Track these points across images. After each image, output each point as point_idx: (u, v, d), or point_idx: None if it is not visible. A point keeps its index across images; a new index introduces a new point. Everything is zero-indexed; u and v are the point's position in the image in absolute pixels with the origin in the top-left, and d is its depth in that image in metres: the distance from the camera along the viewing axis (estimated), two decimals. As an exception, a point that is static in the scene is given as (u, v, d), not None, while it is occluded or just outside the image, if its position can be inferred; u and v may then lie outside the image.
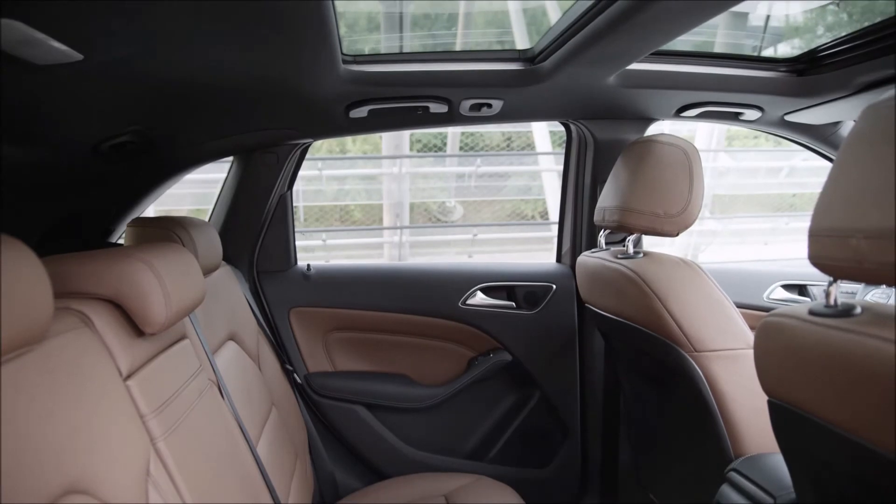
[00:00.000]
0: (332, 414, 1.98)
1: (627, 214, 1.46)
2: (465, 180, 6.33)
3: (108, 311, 0.96)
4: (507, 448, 2.06)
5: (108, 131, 1.33)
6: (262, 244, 1.97)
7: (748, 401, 1.29)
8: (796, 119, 1.81)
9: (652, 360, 1.48)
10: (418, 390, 2.02)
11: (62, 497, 0.71)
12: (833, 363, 0.77)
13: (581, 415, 2.03)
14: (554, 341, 2.01)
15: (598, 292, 1.62)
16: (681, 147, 1.45)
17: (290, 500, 1.45)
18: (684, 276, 1.37)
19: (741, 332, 1.34)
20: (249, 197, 1.92)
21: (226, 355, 1.44)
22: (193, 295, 1.11)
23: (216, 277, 1.57)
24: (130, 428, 0.90)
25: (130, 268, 0.98)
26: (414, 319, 1.99)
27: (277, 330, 1.96)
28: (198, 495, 0.98)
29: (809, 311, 0.84)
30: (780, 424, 0.96)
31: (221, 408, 1.24)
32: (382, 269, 2.12)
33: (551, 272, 2.04)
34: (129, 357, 0.96)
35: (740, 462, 1.26)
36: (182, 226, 1.42)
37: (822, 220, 0.79)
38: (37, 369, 0.74)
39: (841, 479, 0.88)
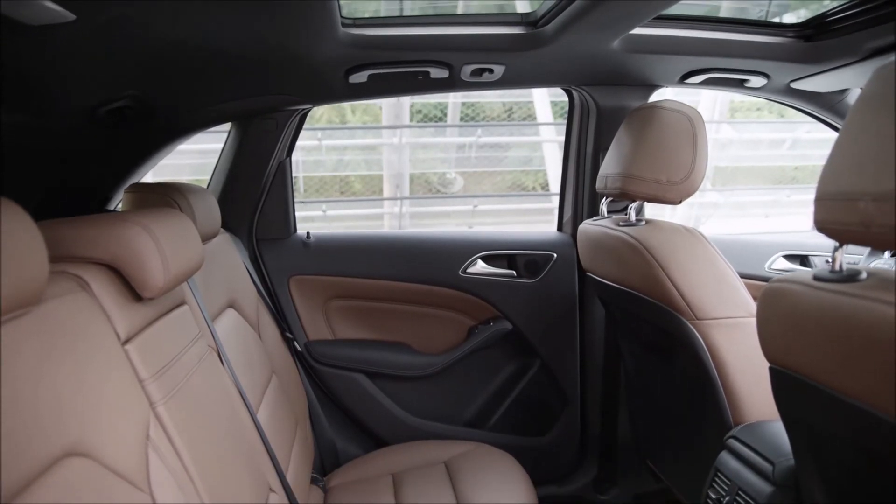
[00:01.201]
0: (333, 382, 1.98)
1: (630, 181, 1.45)
2: (465, 151, 6.28)
3: (106, 275, 0.95)
4: (506, 416, 2.07)
5: (104, 96, 1.31)
6: (261, 212, 1.96)
7: (748, 369, 1.29)
8: (802, 86, 1.79)
9: (653, 328, 1.47)
10: (418, 358, 2.02)
11: (61, 460, 0.71)
12: (837, 328, 0.77)
13: (581, 383, 2.04)
14: (554, 310, 2.00)
15: (599, 260, 1.61)
16: (685, 113, 1.43)
17: (291, 467, 1.45)
18: (687, 243, 1.36)
19: (743, 300, 1.33)
20: (248, 164, 1.90)
21: (225, 322, 1.44)
22: (192, 260, 1.10)
23: (215, 245, 1.56)
24: (129, 392, 0.89)
25: (128, 232, 0.97)
26: (414, 288, 1.99)
27: (277, 298, 1.95)
28: (198, 460, 0.98)
29: (814, 277, 0.84)
30: (781, 391, 0.96)
31: (221, 374, 1.24)
32: (383, 237, 2.11)
33: (552, 241, 2.03)
34: (128, 321, 0.95)
35: (739, 429, 1.26)
36: (180, 192, 1.40)
37: (829, 185, 0.78)
38: (34, 332, 0.74)
39: (841, 444, 0.88)
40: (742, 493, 1.17)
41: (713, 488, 1.27)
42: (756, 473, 1.16)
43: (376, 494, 1.62)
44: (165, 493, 0.88)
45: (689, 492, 1.54)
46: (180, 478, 0.92)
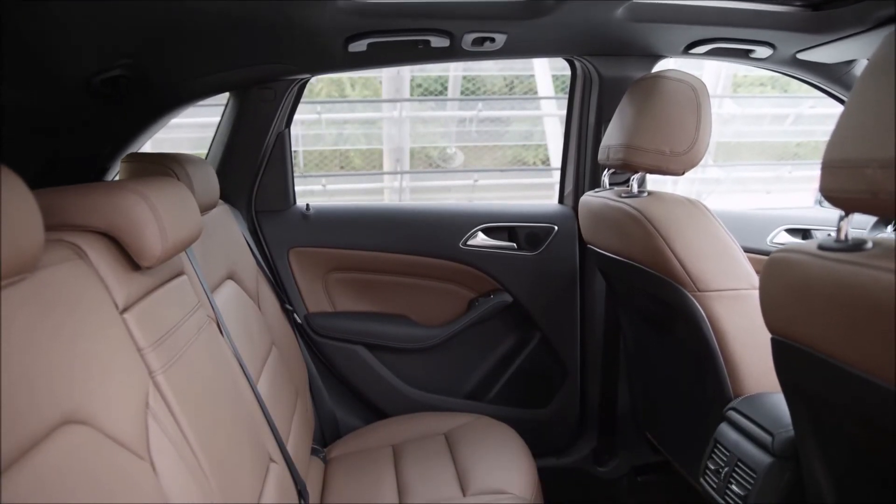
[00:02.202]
0: (333, 354, 1.99)
1: (632, 152, 1.43)
2: (466, 125, 6.24)
3: (103, 243, 0.94)
4: (506, 389, 2.08)
5: (98, 65, 1.29)
6: (260, 183, 1.94)
7: (749, 341, 1.29)
8: (809, 57, 1.76)
9: (653, 300, 1.47)
10: (418, 331, 2.02)
11: (60, 427, 0.71)
12: (842, 297, 0.76)
13: (581, 356, 2.04)
14: (555, 282, 2.00)
15: (600, 232, 1.60)
16: (689, 83, 1.41)
17: (291, 438, 1.46)
18: (689, 215, 1.35)
19: (745, 272, 1.32)
20: (247, 134, 1.88)
21: (225, 294, 1.43)
22: (190, 229, 1.09)
23: (214, 216, 1.55)
24: (128, 360, 0.89)
25: (125, 200, 0.96)
26: (414, 260, 1.98)
27: (277, 270, 1.95)
28: (198, 428, 0.98)
29: (819, 247, 0.83)
30: (783, 362, 0.96)
31: (221, 344, 1.24)
32: (383, 209, 2.10)
33: (553, 213, 2.02)
34: (125, 290, 0.94)
35: (739, 401, 1.27)
36: (178, 162, 1.39)
37: (836, 152, 0.77)
38: (30, 299, 0.73)
39: (841, 414, 0.88)
40: (741, 464, 1.18)
41: (712, 459, 1.27)
42: (755, 444, 1.16)
43: (376, 465, 1.63)
44: (165, 460, 0.88)
45: (688, 463, 1.55)
46: (180, 446, 0.92)
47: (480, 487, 1.47)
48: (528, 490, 1.48)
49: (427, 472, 1.55)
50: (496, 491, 1.46)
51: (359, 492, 1.53)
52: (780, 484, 1.10)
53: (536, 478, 1.56)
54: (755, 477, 1.13)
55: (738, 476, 1.18)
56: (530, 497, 1.47)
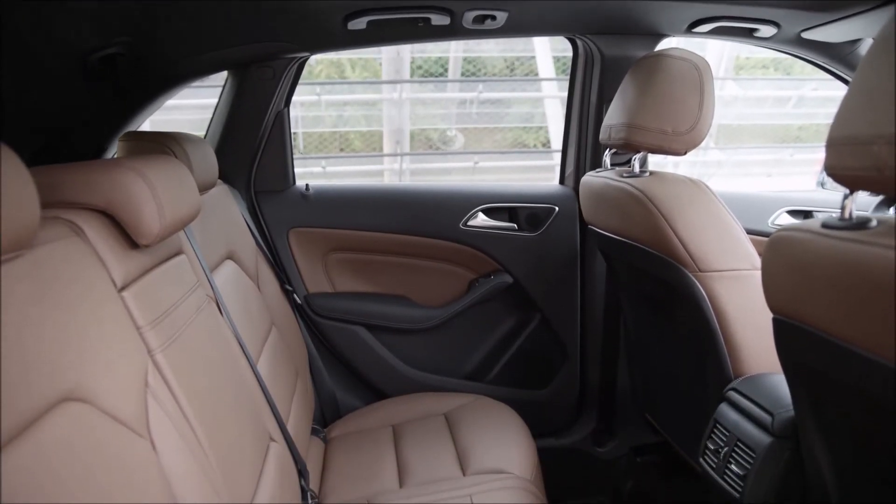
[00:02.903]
0: (333, 334, 1.99)
1: (634, 132, 1.42)
2: (466, 107, 6.20)
3: (100, 221, 0.93)
4: (506, 369, 2.08)
5: (95, 43, 1.27)
6: (259, 163, 1.93)
7: (750, 321, 1.29)
8: (813, 36, 1.74)
9: (654, 280, 1.46)
10: (418, 311, 2.02)
11: (59, 404, 0.70)
12: (845, 275, 0.75)
13: (581, 337, 2.04)
14: (555, 263, 1.99)
15: (601, 212, 1.60)
16: (692, 62, 1.40)
17: (292, 418, 1.46)
18: (691, 194, 1.34)
19: (746, 252, 1.32)
20: (245, 114, 1.87)
21: (224, 274, 1.43)
22: (188, 207, 1.08)
23: (212, 196, 1.54)
24: (127, 339, 0.89)
25: (122, 177, 0.95)
26: (414, 240, 1.97)
27: (276, 250, 1.94)
28: (198, 407, 0.98)
29: (823, 225, 0.82)
30: (784, 341, 0.96)
31: (220, 324, 1.24)
32: (383, 189, 2.09)
33: (554, 194, 2.01)
34: (124, 268, 0.94)
35: (739, 382, 1.27)
36: (176, 140, 1.38)
37: (841, 129, 0.76)
38: (27, 276, 0.72)
39: (842, 393, 0.87)
40: (740, 444, 1.18)
41: (712, 439, 1.27)
42: (755, 424, 1.16)
43: (376, 445, 1.64)
44: (165, 439, 0.88)
45: (688, 444, 1.55)
46: (180, 425, 0.92)
47: (480, 467, 1.48)
48: (527, 469, 1.49)
49: (427, 452, 1.56)
50: (496, 470, 1.46)
51: (359, 471, 1.53)
52: (779, 463, 1.10)
53: (536, 457, 1.57)
54: (754, 457, 1.14)
55: (737, 456, 1.18)
56: (530, 476, 1.48)
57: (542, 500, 1.43)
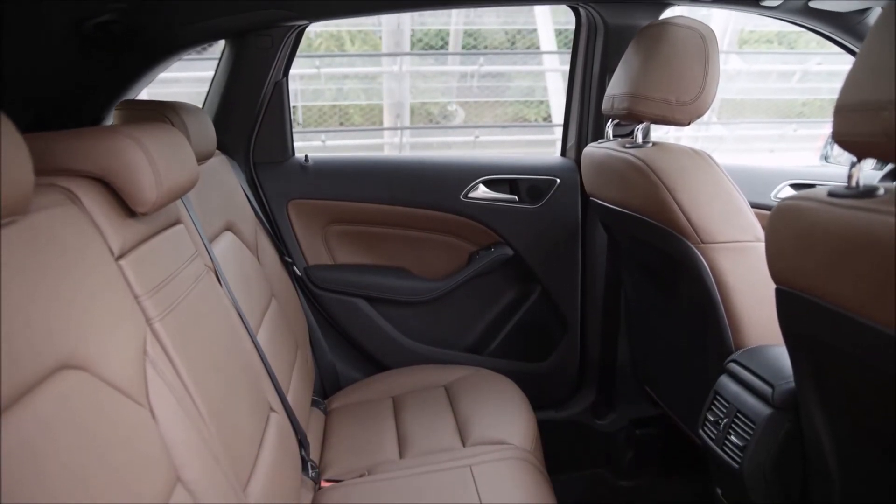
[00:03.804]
0: (332, 306, 1.98)
1: (637, 101, 1.40)
2: (467, 80, 6.15)
3: (96, 189, 0.92)
4: (506, 342, 2.08)
5: (89, 8, 1.25)
6: (258, 134, 1.91)
7: (752, 293, 1.28)
8: (821, 6, 1.71)
9: (656, 252, 1.45)
10: (418, 284, 2.01)
11: (57, 372, 0.70)
12: (851, 243, 0.75)
13: (581, 310, 2.04)
14: (556, 236, 1.98)
15: (603, 183, 1.58)
16: (697, 30, 1.37)
17: (292, 389, 1.46)
18: (694, 165, 1.33)
19: (750, 224, 1.31)
20: (243, 84, 1.84)
21: (223, 245, 1.42)
22: (185, 176, 1.07)
23: (211, 166, 1.53)
24: (125, 308, 0.88)
25: (118, 144, 0.94)
26: (414, 212, 1.96)
27: (276, 222, 1.93)
28: (197, 376, 0.98)
29: (829, 193, 0.81)
30: (787, 312, 0.95)
31: (219, 294, 1.23)
32: (383, 160, 2.08)
33: (555, 165, 1.99)
34: (121, 237, 0.93)
35: (740, 354, 1.26)
36: (173, 109, 1.36)
37: (850, 95, 0.74)
38: (22, 242, 0.72)
39: (845, 365, 0.87)
40: (740, 416, 1.18)
41: (711, 411, 1.28)
42: (755, 396, 1.16)
43: (377, 416, 1.64)
44: (165, 408, 0.88)
45: (687, 416, 1.55)
46: (179, 393, 0.92)
47: (480, 438, 1.48)
48: (527, 440, 1.49)
49: (427, 423, 1.56)
50: (496, 441, 1.47)
51: (359, 442, 1.54)
52: (778, 435, 1.11)
53: (536, 429, 1.57)
54: (754, 428, 1.14)
55: (737, 427, 1.18)
56: (530, 447, 1.48)
57: (542, 471, 1.44)
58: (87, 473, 0.68)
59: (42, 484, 0.62)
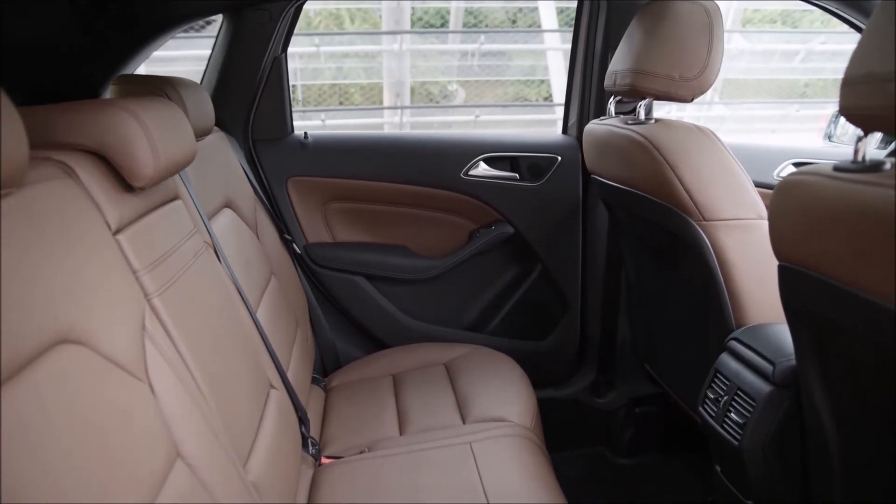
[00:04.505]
0: (332, 284, 1.98)
1: (640, 77, 1.39)
2: (467, 59, 6.10)
3: (93, 163, 0.91)
4: (506, 320, 2.08)
5: None
6: (256, 110, 1.89)
7: (755, 272, 1.27)
8: (827, -20, 1.69)
9: (658, 230, 1.45)
10: (418, 262, 2.00)
11: (56, 346, 0.69)
12: (858, 218, 0.74)
13: (581, 288, 2.03)
14: (557, 214, 1.97)
15: (605, 161, 1.57)
16: (702, 5, 1.35)
17: (292, 366, 1.46)
18: (697, 142, 1.32)
19: (753, 201, 1.30)
20: (241, 59, 1.82)
21: (222, 221, 1.41)
22: (183, 150, 1.06)
23: (209, 142, 1.52)
24: (123, 282, 0.87)
25: (114, 117, 0.92)
26: (414, 190, 1.95)
27: (275, 199, 1.92)
28: (196, 352, 0.97)
29: (835, 168, 0.80)
30: (789, 289, 0.94)
31: (218, 270, 1.23)
32: (383, 138, 2.06)
33: (557, 143, 1.98)
34: (118, 211, 0.92)
35: (741, 331, 1.26)
36: (170, 84, 1.35)
37: (857, 67, 0.73)
38: (19, 216, 0.71)
39: (846, 342, 0.87)
40: (741, 393, 1.18)
41: (712, 388, 1.27)
42: (756, 373, 1.16)
43: (377, 394, 1.64)
44: (164, 383, 0.87)
45: (687, 394, 1.55)
46: (178, 369, 0.92)
47: (480, 415, 1.48)
48: (527, 418, 1.50)
49: (427, 401, 1.56)
50: (496, 418, 1.47)
51: (359, 419, 1.54)
52: (778, 412, 1.11)
53: (536, 406, 1.57)
54: (754, 405, 1.14)
55: (737, 404, 1.18)
56: (530, 424, 1.48)
57: (542, 448, 1.44)
58: (87, 447, 0.68)
59: (41, 457, 0.61)
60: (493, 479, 1.24)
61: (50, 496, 0.61)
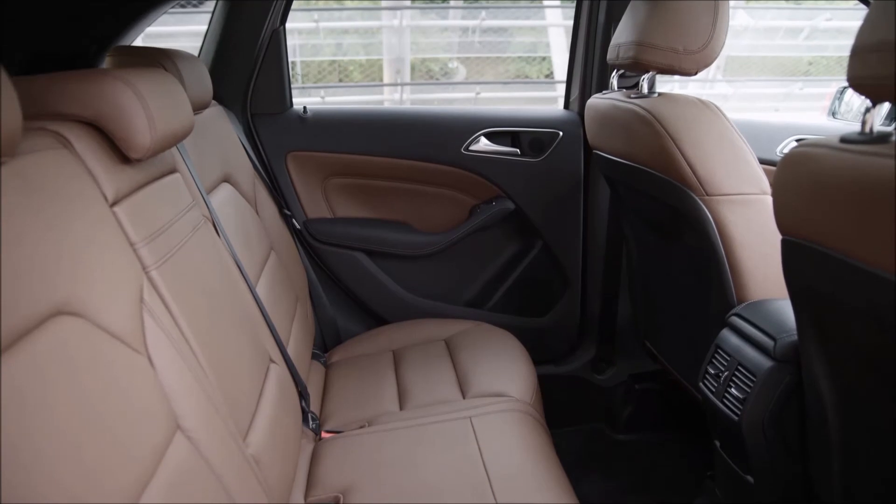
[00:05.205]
0: (332, 260, 1.97)
1: (643, 50, 1.37)
2: (468, 35, 6.04)
3: (89, 133, 0.90)
4: (506, 297, 2.08)
5: None
6: (255, 84, 1.87)
7: (757, 247, 1.27)
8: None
9: (660, 206, 1.44)
10: (419, 237, 2.00)
11: (53, 317, 0.69)
12: (865, 190, 0.73)
13: (582, 265, 2.03)
14: (558, 190, 1.96)
15: (607, 135, 1.55)
16: None
17: (292, 341, 1.46)
18: (701, 116, 1.30)
19: (756, 176, 1.29)
20: (240, 32, 1.79)
21: (221, 196, 1.40)
22: (181, 122, 1.04)
23: (207, 116, 1.50)
24: (120, 255, 0.87)
25: (109, 87, 0.91)
26: (415, 165, 1.93)
27: (274, 174, 1.90)
28: (195, 325, 0.97)
29: (841, 140, 0.79)
30: (792, 264, 0.94)
31: (217, 244, 1.22)
32: (383, 112, 2.04)
33: (558, 118, 1.96)
34: (115, 183, 0.91)
35: (742, 307, 1.25)
36: (167, 56, 1.33)
37: (868, 35, 0.72)
38: (12, 185, 0.70)
39: (849, 317, 0.86)
40: (741, 369, 1.18)
41: (712, 364, 1.27)
42: (757, 349, 1.16)
43: (377, 369, 1.65)
44: (163, 356, 0.87)
45: (687, 371, 1.56)
46: (177, 342, 0.91)
47: (480, 390, 1.49)
48: (527, 393, 1.50)
49: (427, 376, 1.56)
50: (496, 393, 1.47)
51: (359, 394, 1.54)
52: (779, 387, 1.11)
53: (536, 382, 1.57)
54: (755, 380, 1.14)
55: (737, 380, 1.18)
56: (530, 400, 1.48)
57: (542, 423, 1.44)
58: (85, 418, 0.67)
59: (39, 427, 0.61)
60: (492, 453, 1.24)
61: (48, 467, 0.60)
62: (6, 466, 0.55)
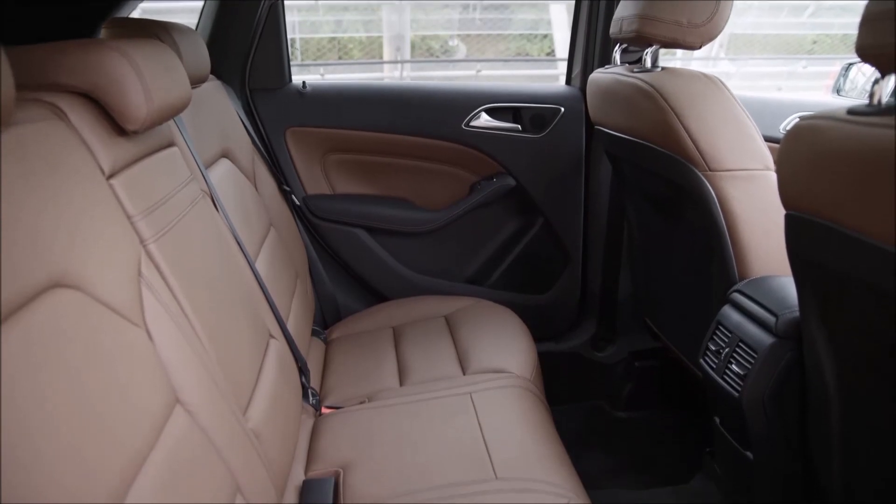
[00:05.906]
0: (332, 237, 1.96)
1: (647, 23, 1.35)
2: (469, 12, 5.98)
3: (84, 105, 0.89)
4: (507, 274, 2.07)
5: None
6: (253, 59, 1.85)
7: (759, 223, 1.26)
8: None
9: (662, 181, 1.42)
10: (419, 214, 1.99)
11: (49, 290, 0.68)
12: (872, 162, 0.72)
13: (583, 242, 2.02)
14: (560, 167, 1.94)
15: (609, 110, 1.54)
16: None
17: (291, 318, 1.46)
18: (705, 90, 1.29)
19: (760, 152, 1.27)
20: (237, 4, 1.77)
21: (219, 171, 1.39)
22: (177, 94, 1.03)
23: (205, 91, 1.48)
24: (117, 227, 0.86)
25: (105, 58, 0.89)
26: (415, 141, 1.92)
27: (273, 150, 1.89)
28: (194, 299, 0.96)
29: (849, 112, 0.78)
30: (796, 239, 0.93)
31: (216, 219, 1.21)
32: (383, 87, 2.02)
33: (560, 94, 1.94)
34: (111, 155, 0.90)
35: (744, 284, 1.25)
36: (164, 28, 1.31)
37: (877, 4, 0.70)
38: (9, 155, 0.69)
39: (852, 293, 0.85)
40: (742, 345, 1.17)
41: (713, 340, 1.27)
42: (758, 325, 1.15)
43: (377, 346, 1.65)
44: (161, 329, 0.86)
45: (688, 348, 1.55)
46: (176, 316, 0.90)
47: (480, 366, 1.48)
48: (527, 369, 1.50)
49: (427, 352, 1.56)
50: (496, 370, 1.47)
51: (359, 371, 1.54)
52: (779, 364, 1.10)
53: (536, 358, 1.57)
54: (756, 356, 1.13)
55: (738, 356, 1.18)
56: (530, 376, 1.48)
57: (542, 399, 1.44)
58: (84, 391, 0.67)
59: (37, 400, 0.61)
60: (493, 429, 1.24)
61: (47, 440, 0.60)
62: (4, 435, 0.55)
